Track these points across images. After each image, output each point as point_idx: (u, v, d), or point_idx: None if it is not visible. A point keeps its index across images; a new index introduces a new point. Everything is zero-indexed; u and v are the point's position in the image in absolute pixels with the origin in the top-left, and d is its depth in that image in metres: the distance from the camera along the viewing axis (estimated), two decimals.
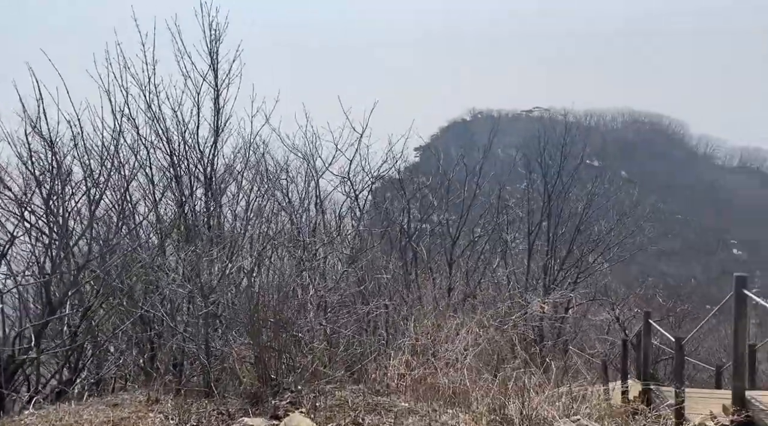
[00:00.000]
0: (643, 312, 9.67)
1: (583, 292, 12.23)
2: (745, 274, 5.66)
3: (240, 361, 6.48)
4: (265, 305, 6.70)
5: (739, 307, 5.64)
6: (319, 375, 6.11)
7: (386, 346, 7.27)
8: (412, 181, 13.65)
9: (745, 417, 5.31)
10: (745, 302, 5.65)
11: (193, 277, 6.74)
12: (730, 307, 18.18)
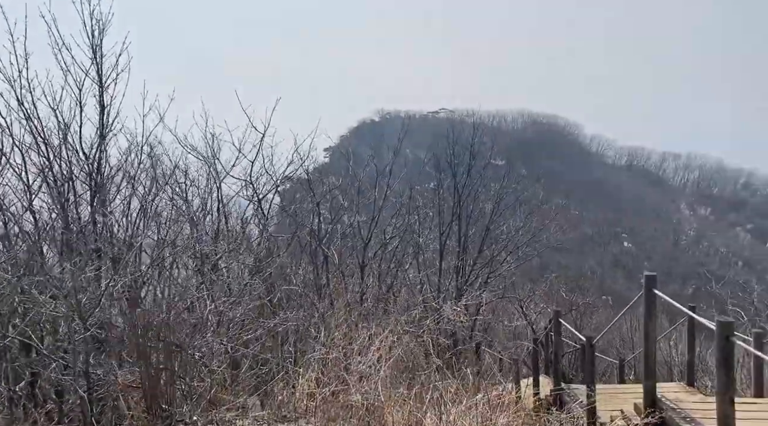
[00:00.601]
0: (553, 311, 9.76)
1: (493, 291, 12.30)
2: (653, 273, 5.67)
3: (127, 390, 5.74)
4: (156, 324, 5.98)
5: (650, 307, 5.64)
6: (219, 402, 5.50)
7: (295, 363, 6.75)
8: (322, 183, 13.17)
9: (659, 418, 5.28)
10: (655, 302, 5.67)
11: (71, 295, 5.90)
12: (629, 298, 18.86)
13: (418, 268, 11.58)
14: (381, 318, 9.35)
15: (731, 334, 4.20)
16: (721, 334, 4.21)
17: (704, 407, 5.50)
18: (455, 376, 9.09)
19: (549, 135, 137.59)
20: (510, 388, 10.84)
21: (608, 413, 7.54)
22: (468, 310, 11.21)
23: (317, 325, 8.94)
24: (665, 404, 5.55)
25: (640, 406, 5.91)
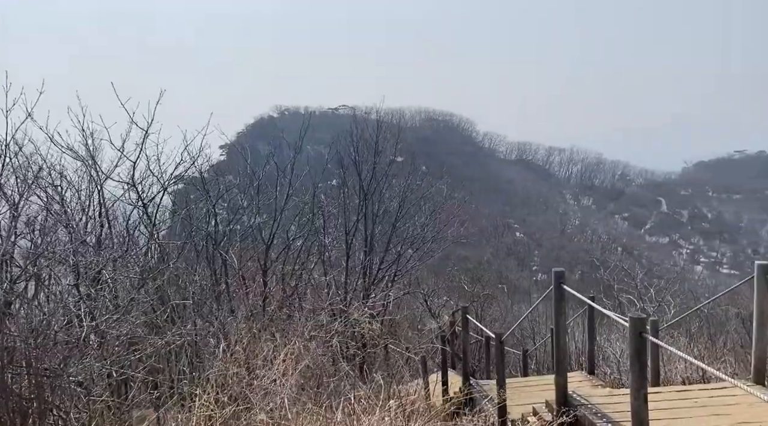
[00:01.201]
0: (461, 307, 9.73)
1: (399, 289, 12.16)
2: (562, 269, 5.67)
3: None
4: (22, 348, 5.16)
5: (559, 303, 5.63)
6: None
7: (191, 383, 6.12)
8: (218, 182, 12.37)
9: (573, 417, 5.27)
10: (564, 298, 5.67)
11: None
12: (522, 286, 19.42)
13: (324, 269, 11.19)
14: (286, 325, 8.88)
15: (644, 331, 4.19)
16: (634, 330, 4.20)
17: (615, 401, 5.57)
18: (366, 380, 8.80)
19: (445, 132, 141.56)
20: (418, 385, 10.72)
21: (519, 409, 7.57)
22: (375, 310, 10.98)
23: (216, 337, 8.30)
24: (577, 400, 5.55)
25: (552, 402, 5.90)
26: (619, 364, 9.39)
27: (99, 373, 5.83)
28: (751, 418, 5.07)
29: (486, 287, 25.37)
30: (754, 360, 5.86)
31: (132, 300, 6.69)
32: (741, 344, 11.35)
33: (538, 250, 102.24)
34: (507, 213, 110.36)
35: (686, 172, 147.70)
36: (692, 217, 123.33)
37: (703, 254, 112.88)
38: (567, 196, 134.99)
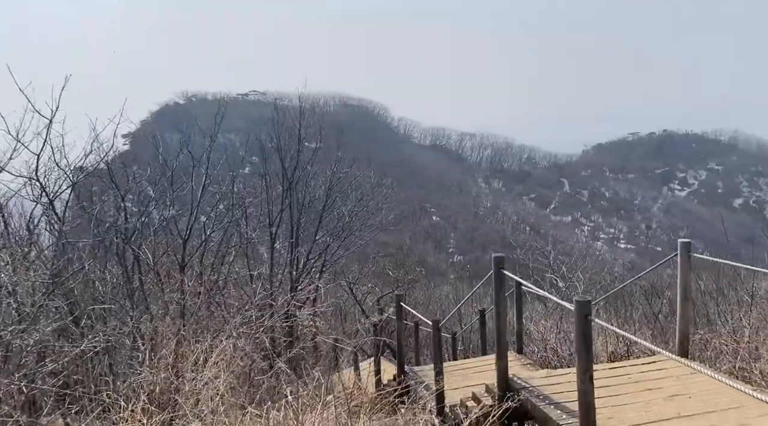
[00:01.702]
0: (395, 295, 9.65)
1: (328, 278, 11.93)
2: (501, 255, 5.68)
3: None
4: None
5: (499, 288, 5.64)
6: None
7: (114, 393, 5.62)
8: (126, 174, 11.51)
9: (518, 401, 5.30)
10: (503, 283, 5.68)
11: None
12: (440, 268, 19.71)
13: (247, 262, 10.73)
14: (214, 323, 8.44)
15: (589, 313, 4.23)
16: (579, 312, 4.23)
17: (554, 382, 5.67)
18: (302, 374, 8.55)
19: (361, 118, 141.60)
20: (350, 375, 10.61)
21: (456, 394, 7.59)
22: (304, 302, 10.70)
23: (134, 339, 7.75)
24: (518, 384, 5.60)
25: (493, 387, 5.93)
26: (545, 343, 9.69)
27: (5, 389, 5.22)
28: (681, 390, 5.32)
29: (408, 272, 25.64)
30: (678, 334, 6.16)
31: (40, 307, 6.04)
32: (653, 319, 11.99)
33: (454, 233, 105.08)
34: (423, 197, 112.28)
35: (586, 155, 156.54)
36: (592, 197, 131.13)
37: (603, 231, 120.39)
38: (479, 180, 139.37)
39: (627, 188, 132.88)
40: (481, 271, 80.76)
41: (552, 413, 5.03)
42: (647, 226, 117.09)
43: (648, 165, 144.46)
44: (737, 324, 7.65)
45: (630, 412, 5.00)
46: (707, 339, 7.36)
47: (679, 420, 4.80)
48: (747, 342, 7.00)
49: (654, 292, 11.68)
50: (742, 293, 8.13)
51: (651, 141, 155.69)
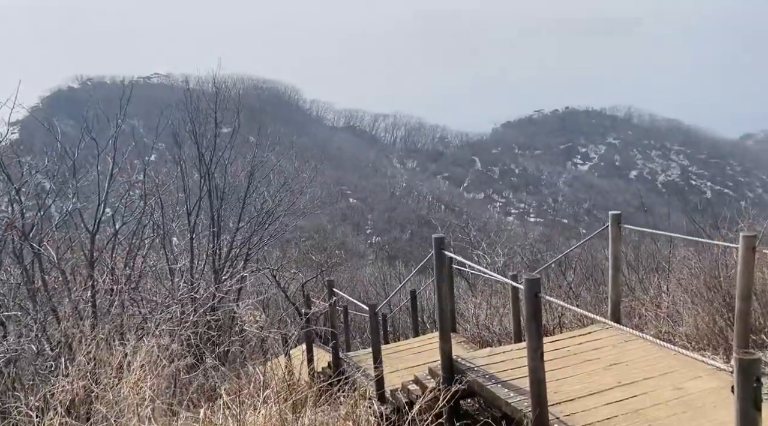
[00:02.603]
0: (326, 281, 9.39)
1: (252, 266, 11.45)
2: (441, 235, 5.57)
3: None
4: None
5: (440, 269, 5.53)
6: None
7: (24, 408, 5.02)
8: (20, 165, 10.43)
9: (467, 384, 5.24)
10: (444, 263, 5.58)
11: None
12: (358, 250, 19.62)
13: (165, 254, 10.07)
14: (135, 323, 7.84)
15: (539, 291, 4.20)
16: (529, 290, 4.19)
17: (497, 360, 5.67)
18: (233, 368, 8.14)
19: (272, 100, 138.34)
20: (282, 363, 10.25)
21: (395, 378, 7.50)
22: (229, 293, 10.19)
23: (39, 343, 7.05)
24: (463, 365, 5.55)
25: (437, 369, 5.86)
26: (477, 320, 9.80)
27: None
28: (619, 358, 5.47)
29: (331, 256, 25.42)
30: (610, 302, 6.35)
31: None
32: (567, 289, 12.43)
33: (371, 214, 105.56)
34: (339, 179, 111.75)
35: (495, 133, 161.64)
36: (502, 173, 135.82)
37: (513, 206, 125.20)
38: (394, 160, 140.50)
39: (534, 164, 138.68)
40: (400, 251, 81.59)
41: (500, 392, 5.02)
42: (554, 200, 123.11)
43: (552, 141, 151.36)
44: (657, 291, 8.04)
45: (574, 385, 5.08)
46: (631, 307, 7.67)
47: (621, 388, 4.92)
48: (667, 307, 7.36)
49: (568, 263, 12.09)
50: (659, 260, 8.59)
51: (554, 118, 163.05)
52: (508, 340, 9.09)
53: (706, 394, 4.63)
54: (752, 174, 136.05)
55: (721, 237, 7.09)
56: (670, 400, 4.60)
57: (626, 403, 4.65)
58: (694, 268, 6.94)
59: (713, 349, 5.84)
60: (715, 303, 6.06)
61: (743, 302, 4.90)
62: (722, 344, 5.82)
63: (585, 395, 4.86)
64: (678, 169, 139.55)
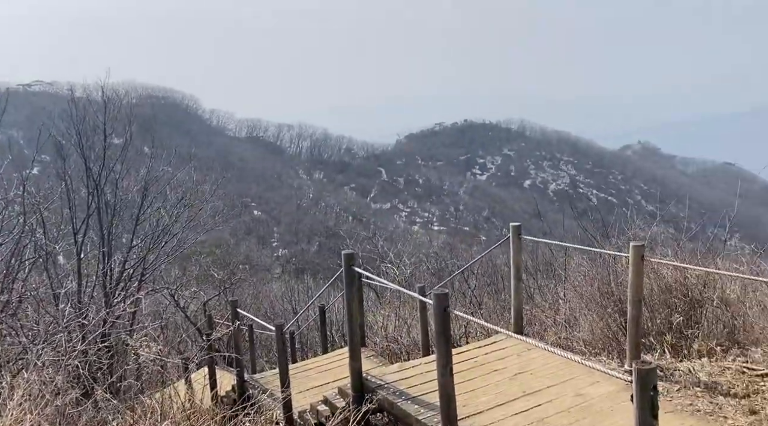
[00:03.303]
0: (230, 301, 8.99)
1: (148, 288, 10.74)
2: (351, 252, 5.46)
3: None
4: None
5: (350, 286, 5.42)
6: None
7: None
8: None
9: (377, 402, 5.14)
10: (355, 281, 5.48)
11: None
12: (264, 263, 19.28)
13: (49, 277, 9.21)
14: (12, 355, 7.09)
15: (447, 306, 4.19)
16: (438, 305, 4.18)
17: (408, 375, 5.63)
18: (126, 399, 7.57)
19: (168, 109, 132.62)
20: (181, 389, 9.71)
21: (305, 398, 7.28)
22: (121, 317, 9.49)
23: None
24: (374, 382, 5.46)
25: (347, 388, 5.73)
26: (386, 333, 9.77)
27: None
28: (523, 368, 5.61)
29: (235, 271, 24.57)
30: (513, 311, 6.52)
31: None
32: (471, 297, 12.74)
33: (277, 227, 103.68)
34: (243, 191, 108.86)
35: (399, 144, 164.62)
36: (407, 184, 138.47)
37: (418, 215, 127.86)
38: (300, 171, 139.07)
39: (437, 175, 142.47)
40: (308, 263, 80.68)
41: (410, 408, 4.98)
42: (456, 209, 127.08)
43: (453, 153, 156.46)
44: (554, 298, 8.39)
45: (481, 397, 5.13)
46: (532, 314, 7.95)
47: (526, 398, 5.04)
48: (565, 313, 7.70)
49: (470, 270, 12.39)
50: (556, 267, 8.99)
51: (454, 130, 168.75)
52: (416, 351, 9.13)
53: (603, 399, 4.84)
54: (632, 182, 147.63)
55: (611, 246, 7.53)
56: (572, 407, 4.76)
57: (531, 412, 4.75)
58: (587, 275, 7.30)
59: (608, 352, 6.15)
60: (609, 308, 6.40)
61: (634, 308, 5.19)
62: (616, 348, 6.14)
63: (493, 407, 4.92)
64: (567, 178, 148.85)
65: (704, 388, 4.79)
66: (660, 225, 8.97)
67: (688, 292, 6.05)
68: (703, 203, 74.32)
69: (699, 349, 5.67)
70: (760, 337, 6.06)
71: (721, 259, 7.41)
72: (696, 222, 9.44)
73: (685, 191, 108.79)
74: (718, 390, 4.75)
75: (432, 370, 5.65)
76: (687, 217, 9.09)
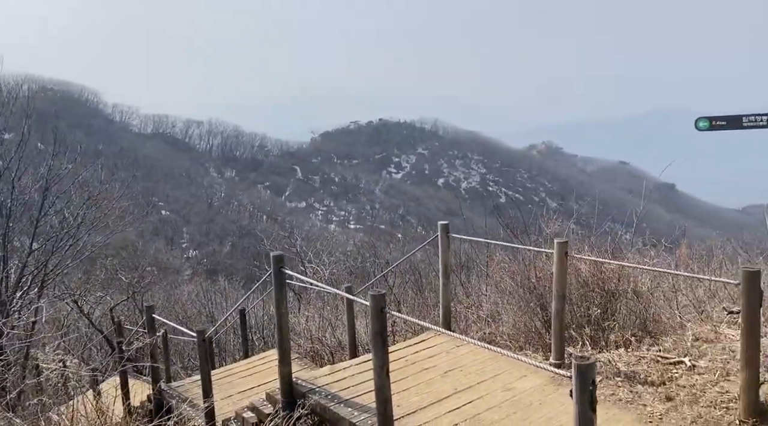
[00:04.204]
0: (145, 307, 8.48)
1: (50, 293, 9.91)
2: (280, 253, 5.27)
3: None
4: None
5: (280, 289, 5.23)
6: None
7: None
8: None
9: (309, 407, 4.99)
10: (284, 283, 5.29)
11: None
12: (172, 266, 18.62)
13: None
14: None
15: (384, 306, 4.13)
16: (375, 307, 4.11)
17: (339, 378, 5.52)
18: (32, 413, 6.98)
19: (66, 103, 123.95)
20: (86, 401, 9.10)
21: (228, 405, 7.01)
22: (20, 326, 8.70)
23: None
24: (304, 387, 5.31)
25: (275, 394, 5.54)
26: (310, 334, 9.60)
27: None
28: (453, 365, 5.66)
29: (144, 274, 23.37)
30: (442, 308, 6.58)
31: None
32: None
33: (187, 227, 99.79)
34: (150, 190, 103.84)
35: (314, 142, 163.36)
36: (323, 182, 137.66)
37: (334, 214, 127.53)
38: (210, 169, 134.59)
39: (353, 173, 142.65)
40: (220, 264, 78.27)
41: (343, 412, 4.88)
42: (372, 207, 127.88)
43: (369, 151, 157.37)
44: (478, 294, 8.58)
45: (413, 396, 5.12)
46: (456, 310, 8.07)
47: (458, 395, 5.08)
48: (488, 309, 7.88)
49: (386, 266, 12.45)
50: (479, 264, 9.20)
51: (370, 129, 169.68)
52: (341, 352, 9.03)
53: (532, 393, 4.97)
54: (537, 180, 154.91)
55: (530, 242, 7.79)
56: (502, 402, 4.85)
57: (464, 409, 4.79)
58: (509, 271, 7.50)
59: (532, 346, 6.34)
60: (531, 303, 6.60)
61: (559, 302, 5.38)
62: (539, 342, 6.34)
63: (426, 405, 4.92)
64: (478, 176, 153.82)
65: (624, 378, 5.03)
66: (565, 222, 9.39)
67: (604, 285, 6.35)
68: (606, 200, 78.98)
69: (616, 340, 5.96)
70: (668, 327, 6.47)
71: (632, 254, 7.87)
72: (597, 218, 9.95)
73: (585, 189, 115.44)
74: (636, 379, 5.00)
75: (364, 371, 5.60)
76: (596, 214, 9.59)
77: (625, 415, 4.47)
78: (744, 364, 4.13)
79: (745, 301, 4.09)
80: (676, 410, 4.43)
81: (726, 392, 4.58)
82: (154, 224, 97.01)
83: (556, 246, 5.31)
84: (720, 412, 4.30)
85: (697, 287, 7.71)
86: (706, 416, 4.28)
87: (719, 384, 4.77)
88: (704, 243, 11.85)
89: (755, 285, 4.04)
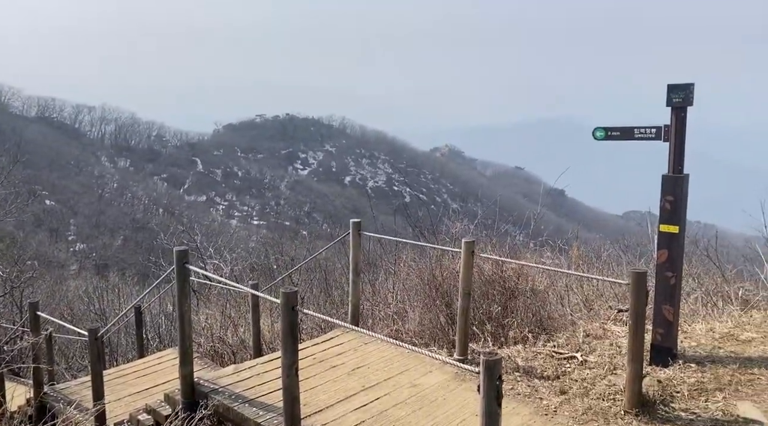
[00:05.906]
0: (28, 303, 7.81)
1: None
2: (185, 248, 5.03)
3: None
4: None
5: (183, 286, 5.00)
6: None
7: None
8: None
9: (212, 408, 4.81)
10: (188, 280, 5.05)
11: None
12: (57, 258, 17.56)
13: None
14: None
15: (296, 304, 4.06)
16: (286, 304, 4.03)
17: (244, 377, 5.37)
18: None
19: None
20: None
21: (120, 407, 6.63)
22: None
23: None
24: (206, 387, 5.11)
25: (175, 395, 5.29)
26: (211, 333, 9.28)
27: None
28: (361, 362, 5.68)
29: (24, 269, 21.56)
30: (351, 306, 6.58)
31: None
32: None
33: (74, 218, 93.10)
34: (32, 178, 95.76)
35: (217, 134, 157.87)
36: (225, 176, 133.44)
37: (237, 209, 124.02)
38: (102, 158, 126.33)
39: (258, 167, 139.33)
40: (111, 259, 73.84)
41: (248, 412, 4.76)
42: (276, 203, 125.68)
43: (275, 146, 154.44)
44: (386, 291, 8.68)
45: (321, 394, 5.09)
46: (364, 308, 8.11)
47: (365, 392, 5.11)
48: (395, 306, 7.99)
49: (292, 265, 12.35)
50: (387, 262, 9.30)
51: (276, 123, 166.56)
52: (244, 350, 8.80)
53: (437, 389, 5.09)
54: (440, 182, 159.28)
55: (438, 241, 7.99)
56: (408, 399, 4.93)
57: (371, 406, 4.83)
58: (416, 269, 7.66)
59: (437, 343, 6.51)
60: (437, 301, 6.77)
61: (464, 299, 5.55)
62: (443, 338, 6.52)
63: (333, 403, 4.90)
64: (384, 176, 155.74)
65: (522, 373, 5.29)
66: (469, 223, 9.75)
67: (505, 284, 6.64)
68: (503, 203, 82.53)
69: (514, 337, 6.25)
70: (561, 324, 6.88)
71: (530, 254, 8.28)
72: (497, 220, 10.40)
73: (484, 191, 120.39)
74: (533, 373, 5.27)
75: (269, 370, 5.49)
76: (497, 216, 10.01)
77: (523, 409, 4.69)
78: (630, 358, 4.48)
79: (633, 300, 4.43)
80: (569, 403, 4.71)
81: (613, 385, 4.93)
82: (36, 215, 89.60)
83: (464, 245, 5.47)
84: (608, 404, 4.63)
85: (586, 287, 8.26)
86: (595, 408, 4.58)
87: (607, 377, 5.13)
88: (591, 245, 12.73)
89: (642, 285, 4.39)
